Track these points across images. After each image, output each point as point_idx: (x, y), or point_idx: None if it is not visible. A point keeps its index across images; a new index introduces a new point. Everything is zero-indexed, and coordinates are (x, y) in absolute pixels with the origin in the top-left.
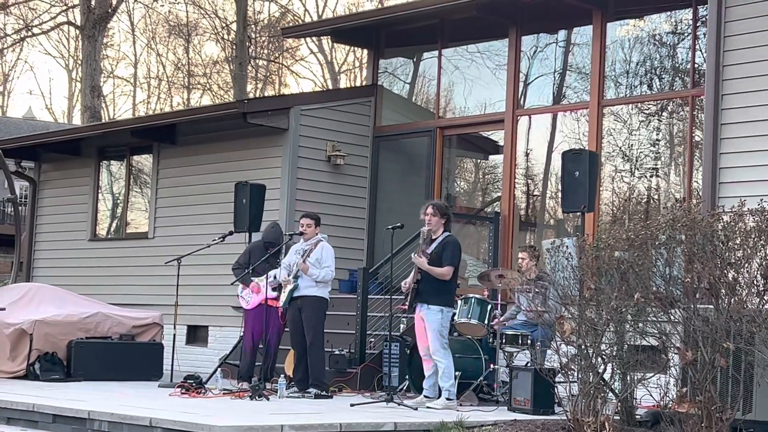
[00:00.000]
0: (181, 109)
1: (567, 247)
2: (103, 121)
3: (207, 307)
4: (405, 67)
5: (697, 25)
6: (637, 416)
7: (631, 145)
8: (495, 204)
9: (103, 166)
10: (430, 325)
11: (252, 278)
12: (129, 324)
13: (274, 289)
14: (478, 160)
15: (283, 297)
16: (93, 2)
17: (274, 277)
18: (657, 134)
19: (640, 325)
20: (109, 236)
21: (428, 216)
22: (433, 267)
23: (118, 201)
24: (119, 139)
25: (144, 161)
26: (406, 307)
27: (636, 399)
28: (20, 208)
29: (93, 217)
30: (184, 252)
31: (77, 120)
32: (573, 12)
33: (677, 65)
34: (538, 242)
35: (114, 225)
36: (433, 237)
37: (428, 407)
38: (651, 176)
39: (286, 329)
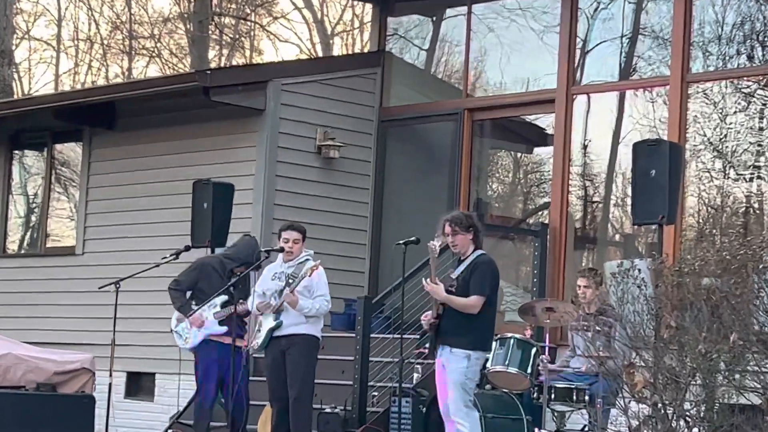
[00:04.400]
0: (120, 82)
1: (639, 271)
2: (16, 97)
3: (154, 348)
4: (421, 29)
5: None
6: None
7: (726, 135)
8: (542, 213)
9: (15, 158)
10: (451, 376)
11: (193, 307)
12: (49, 370)
13: (221, 323)
14: (520, 154)
15: (261, 338)
16: None
17: (222, 306)
18: (760, 121)
19: (737, 376)
20: (23, 252)
21: (450, 237)
22: (454, 297)
23: (35, 205)
24: (37, 122)
25: (70, 152)
26: (426, 350)
27: None
28: None
29: (1, 226)
30: (123, 274)
31: None
32: None
33: None
34: (599, 265)
35: (29, 237)
36: (462, 257)
37: None
38: (751, 178)
39: (252, 378)
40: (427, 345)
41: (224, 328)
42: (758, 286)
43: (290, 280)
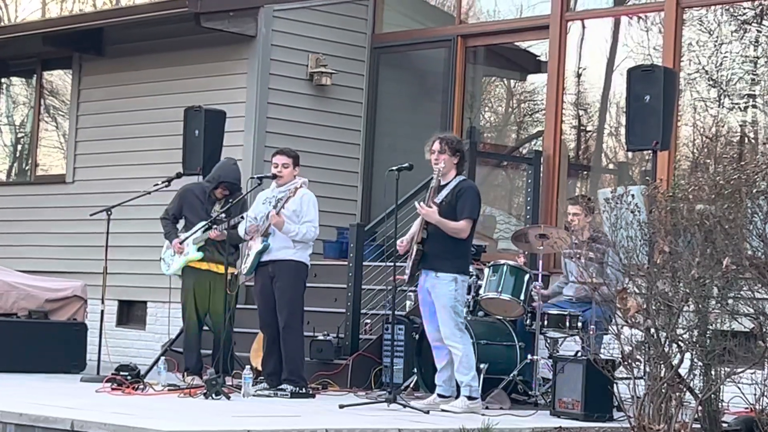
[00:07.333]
0: (109, 8)
1: (632, 197)
2: (3, 24)
3: (145, 276)
4: None
5: None
6: (723, 424)
7: (721, 63)
8: (535, 141)
9: (2, 86)
10: (440, 300)
11: (179, 234)
12: (41, 297)
13: (199, 249)
14: (513, 82)
15: (249, 262)
16: None
17: (206, 229)
18: (755, 49)
19: (730, 301)
20: (12, 180)
21: (435, 154)
22: (446, 220)
23: (22, 133)
24: (25, 48)
25: (60, 79)
26: (406, 277)
27: (723, 401)
28: None
29: None
30: (114, 202)
31: None
32: None
33: None
34: (593, 192)
35: (19, 166)
36: (443, 182)
37: (443, 410)
38: (746, 107)
39: (239, 306)
40: (407, 272)
41: (200, 254)
42: (751, 211)
43: (277, 203)
